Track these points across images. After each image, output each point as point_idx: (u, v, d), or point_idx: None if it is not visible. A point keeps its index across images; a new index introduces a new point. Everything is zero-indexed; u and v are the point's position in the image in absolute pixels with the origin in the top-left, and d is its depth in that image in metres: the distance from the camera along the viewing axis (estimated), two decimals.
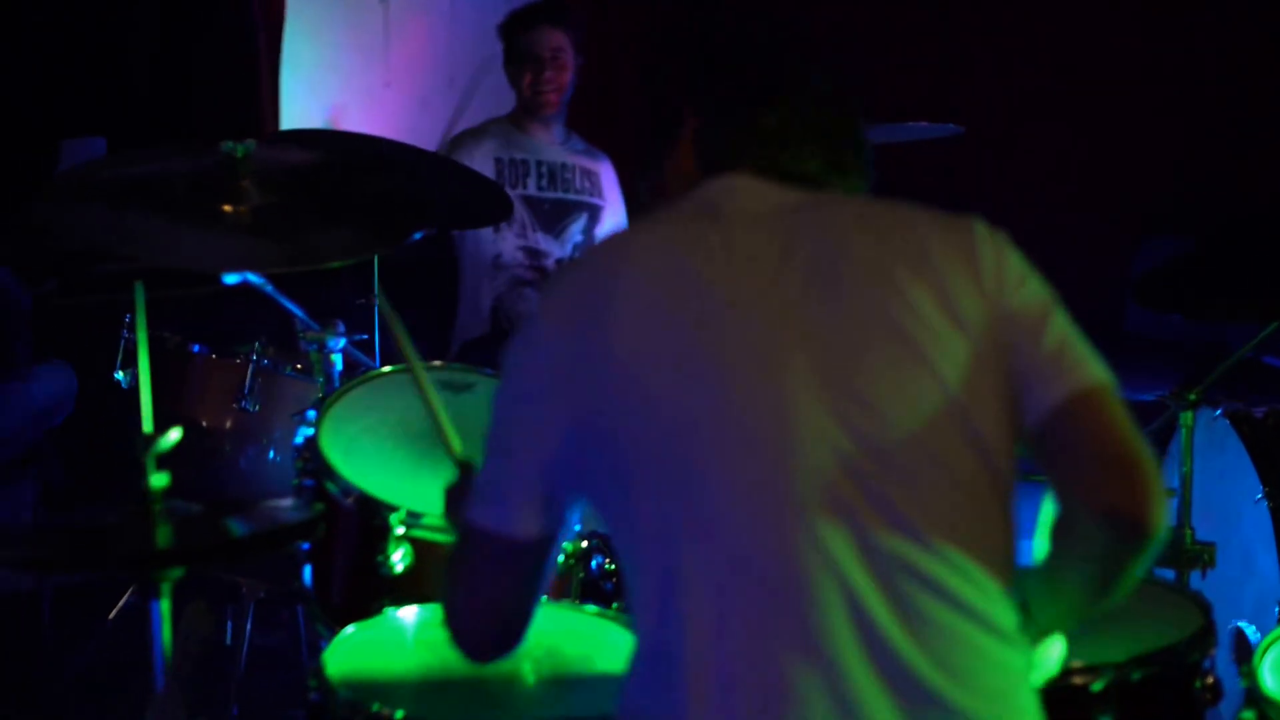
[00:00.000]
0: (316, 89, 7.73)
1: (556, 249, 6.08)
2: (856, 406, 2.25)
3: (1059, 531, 2.34)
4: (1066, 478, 2.30)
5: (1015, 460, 2.34)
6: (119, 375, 4.69)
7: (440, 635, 2.97)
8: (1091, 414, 2.29)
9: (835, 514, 2.22)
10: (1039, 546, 2.40)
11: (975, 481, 2.28)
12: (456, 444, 3.09)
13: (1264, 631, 3.42)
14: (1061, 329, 2.33)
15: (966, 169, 2.30)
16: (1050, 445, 2.32)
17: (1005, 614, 2.30)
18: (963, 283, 2.32)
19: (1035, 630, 2.42)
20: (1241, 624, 4.19)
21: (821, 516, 2.22)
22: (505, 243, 6.00)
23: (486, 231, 6.00)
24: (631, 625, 2.39)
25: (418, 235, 3.64)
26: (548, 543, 2.43)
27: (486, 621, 2.50)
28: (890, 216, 2.41)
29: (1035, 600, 2.40)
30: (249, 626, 4.99)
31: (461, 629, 2.51)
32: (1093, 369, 2.31)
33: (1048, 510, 2.42)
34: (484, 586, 2.47)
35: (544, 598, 2.54)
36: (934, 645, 2.22)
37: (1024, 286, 2.35)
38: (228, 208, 3.51)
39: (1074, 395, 2.29)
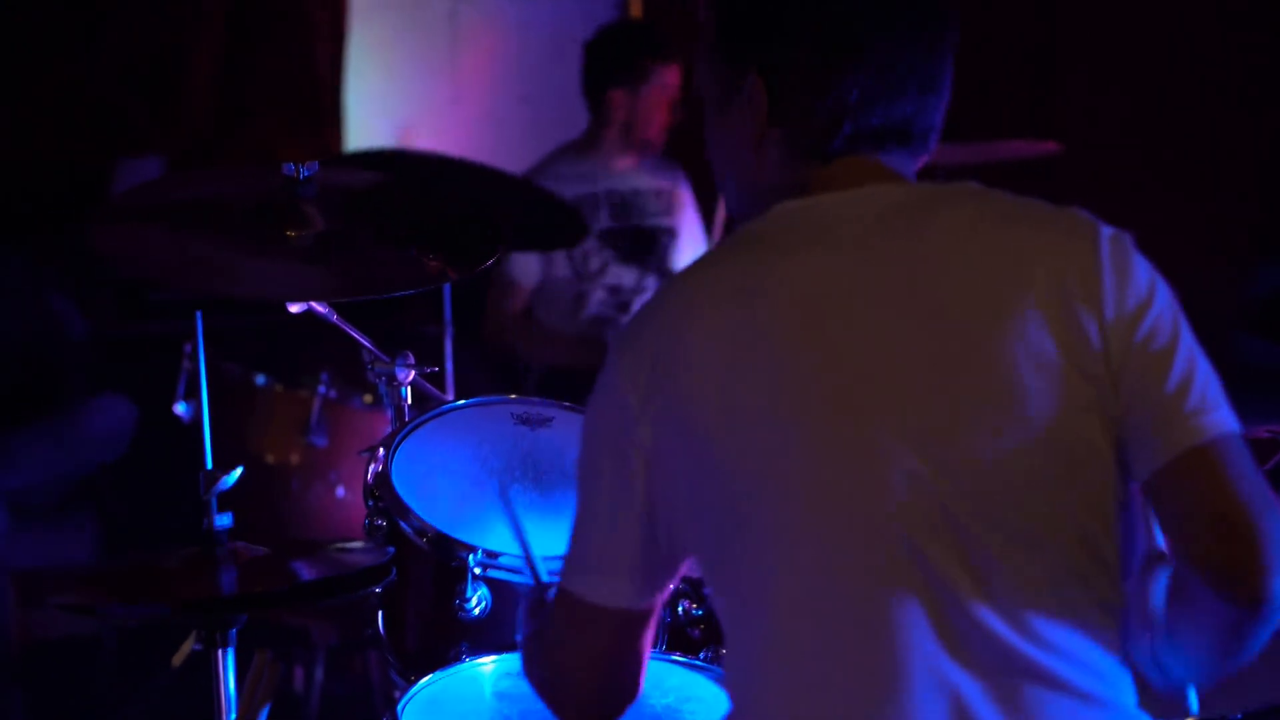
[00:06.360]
0: (383, 106, 7.63)
1: (639, 280, 5.88)
2: (951, 465, 2.10)
3: (1174, 595, 2.18)
4: (1177, 538, 2.14)
5: (1121, 515, 2.19)
6: (179, 408, 4.59)
7: (520, 687, 2.84)
8: (1206, 471, 2.12)
9: (929, 588, 2.08)
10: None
11: (1078, 549, 2.13)
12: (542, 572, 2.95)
13: None
14: (1186, 365, 2.15)
15: (1063, 190, 2.23)
16: (1161, 501, 2.16)
17: (1121, 691, 2.18)
18: (1082, 311, 2.13)
19: (1163, 687, 2.26)
20: None
21: (914, 592, 2.08)
22: (584, 281, 5.81)
23: (562, 267, 5.80)
24: (724, 683, 2.29)
25: (491, 261, 3.51)
26: (645, 613, 2.31)
27: (595, 690, 2.36)
28: (998, 229, 2.21)
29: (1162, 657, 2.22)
30: (320, 674, 4.91)
31: (564, 700, 2.38)
32: (1213, 417, 2.13)
33: None
34: (584, 655, 2.33)
35: None
36: None
37: (1149, 311, 2.16)
38: (290, 233, 3.38)
39: (1189, 449, 2.12)
